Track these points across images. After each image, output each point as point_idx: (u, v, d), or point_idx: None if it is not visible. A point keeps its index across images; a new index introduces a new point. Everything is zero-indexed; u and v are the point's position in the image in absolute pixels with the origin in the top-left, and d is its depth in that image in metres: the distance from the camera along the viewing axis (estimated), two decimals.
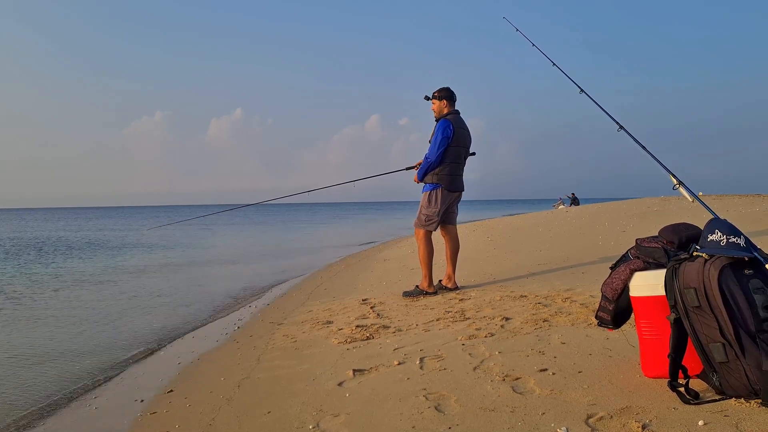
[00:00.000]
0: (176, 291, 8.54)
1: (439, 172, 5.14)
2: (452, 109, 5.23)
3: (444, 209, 5.20)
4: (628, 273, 2.38)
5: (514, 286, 5.18)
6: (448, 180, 5.13)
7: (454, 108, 5.24)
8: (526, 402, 2.27)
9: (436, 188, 5.15)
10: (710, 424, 1.86)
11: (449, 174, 5.13)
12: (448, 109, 5.22)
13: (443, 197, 5.14)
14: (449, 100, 5.22)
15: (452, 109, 5.23)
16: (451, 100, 5.23)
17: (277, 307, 6.11)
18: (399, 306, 4.83)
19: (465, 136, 5.20)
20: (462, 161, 5.24)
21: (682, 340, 2.11)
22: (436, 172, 5.15)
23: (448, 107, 5.22)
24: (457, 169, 5.19)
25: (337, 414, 2.45)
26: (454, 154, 5.11)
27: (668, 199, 14.40)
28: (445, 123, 5.08)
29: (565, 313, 3.79)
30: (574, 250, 7.19)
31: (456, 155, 5.13)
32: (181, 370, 4.03)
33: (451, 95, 5.23)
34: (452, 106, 5.23)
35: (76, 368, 4.33)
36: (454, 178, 5.16)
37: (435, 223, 5.20)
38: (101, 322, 6.19)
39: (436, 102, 5.25)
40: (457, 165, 5.18)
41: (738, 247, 2.06)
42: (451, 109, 5.22)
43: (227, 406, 2.85)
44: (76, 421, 3.23)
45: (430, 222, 5.20)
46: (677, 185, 2.87)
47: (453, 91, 5.25)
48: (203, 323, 5.89)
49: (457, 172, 5.19)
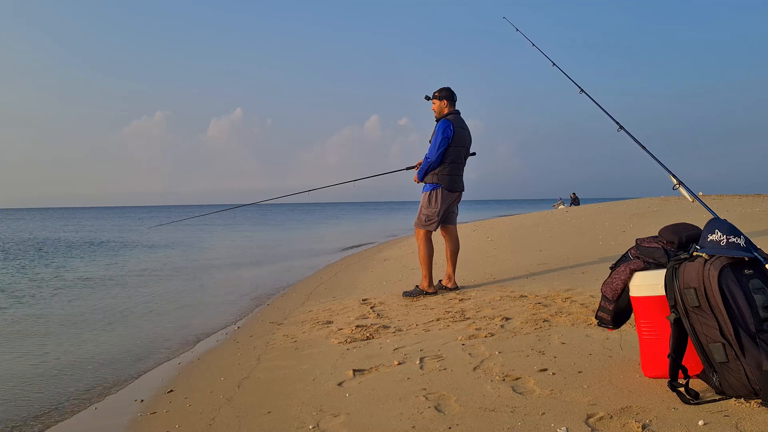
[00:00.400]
0: (176, 291, 8.53)
1: (439, 172, 5.14)
2: (452, 109, 5.23)
3: (444, 209, 5.20)
4: (628, 273, 2.38)
5: (514, 286, 5.18)
6: (447, 180, 5.13)
7: (455, 108, 5.24)
8: (526, 402, 2.27)
9: (436, 188, 5.15)
10: (710, 424, 1.86)
11: (449, 174, 5.13)
12: (449, 109, 5.22)
13: (443, 197, 5.14)
14: (449, 100, 5.22)
15: (452, 109, 5.23)
16: (452, 100, 5.23)
17: (277, 307, 6.11)
18: (399, 306, 4.83)
19: (465, 137, 5.20)
20: (462, 161, 5.24)
21: (682, 340, 2.11)
22: (436, 172, 5.15)
23: (449, 107, 5.22)
24: (457, 169, 5.20)
25: (337, 414, 2.45)
26: (454, 154, 5.11)
27: (668, 199, 14.41)
28: (445, 123, 5.08)
29: (565, 313, 3.79)
30: (574, 250, 7.20)
31: (456, 155, 5.13)
32: (181, 370, 4.03)
33: (452, 95, 5.23)
34: (452, 106, 5.23)
35: (76, 368, 4.32)
36: (454, 178, 5.16)
37: (435, 223, 5.20)
38: (101, 323, 6.18)
39: (436, 102, 5.25)
40: (457, 165, 5.18)
41: (738, 247, 2.06)
42: (452, 109, 5.22)
43: (227, 406, 2.85)
44: (76, 421, 3.23)
45: (430, 222, 5.20)
46: (677, 185, 2.87)
47: (453, 91, 5.25)
48: (203, 323, 5.89)
49: (457, 172, 5.19)
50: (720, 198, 13.55)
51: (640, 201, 15.66)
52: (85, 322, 6.24)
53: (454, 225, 5.41)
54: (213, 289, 8.83)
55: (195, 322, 6.01)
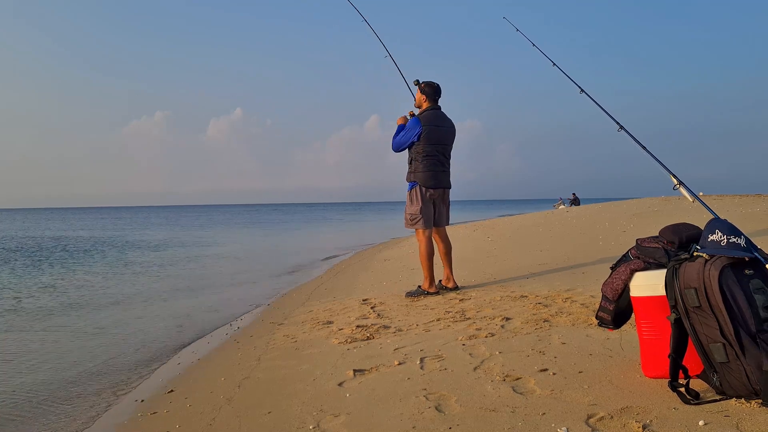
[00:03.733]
0: (176, 291, 8.54)
1: (414, 170, 5.17)
2: (432, 105, 5.24)
3: (430, 206, 5.20)
4: (629, 273, 2.38)
5: (514, 286, 5.18)
6: (423, 177, 5.14)
7: (436, 104, 5.26)
8: (527, 402, 2.27)
9: (414, 186, 5.19)
10: (710, 425, 1.86)
11: (424, 171, 5.14)
12: (428, 104, 5.25)
13: (422, 194, 5.16)
14: (429, 98, 5.25)
15: (432, 105, 5.24)
16: (432, 98, 5.25)
17: (278, 307, 6.11)
18: (399, 306, 4.83)
19: (442, 134, 5.19)
20: (442, 158, 5.22)
21: (682, 340, 2.11)
22: (411, 171, 5.20)
23: (428, 102, 5.25)
24: (435, 166, 5.18)
25: (337, 414, 2.45)
26: (427, 152, 5.11)
27: (668, 199, 14.41)
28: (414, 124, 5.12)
29: (565, 313, 3.79)
30: (574, 250, 7.20)
31: (430, 153, 5.12)
32: (181, 370, 4.04)
33: (434, 93, 5.25)
34: (432, 103, 5.25)
35: (76, 369, 4.33)
36: (432, 174, 5.16)
37: (422, 221, 5.18)
38: (101, 323, 6.19)
39: (419, 93, 5.30)
40: (435, 162, 5.16)
41: (738, 248, 2.06)
42: (431, 105, 5.24)
43: (227, 406, 2.85)
44: (76, 421, 3.23)
45: (415, 220, 5.20)
46: (678, 185, 2.87)
47: (438, 88, 5.27)
48: (203, 324, 5.89)
49: (434, 169, 5.17)
50: (720, 198, 13.54)
51: (640, 201, 15.66)
52: (84, 322, 6.24)
53: (443, 226, 5.41)
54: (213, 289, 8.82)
55: (195, 322, 6.01)
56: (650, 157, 3.06)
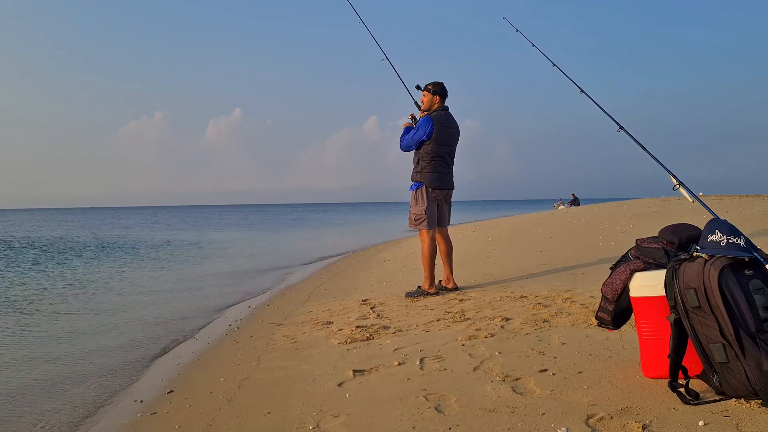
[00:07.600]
0: (176, 292, 8.53)
1: (421, 170, 5.16)
2: (443, 105, 5.24)
3: (434, 207, 5.20)
4: (628, 273, 2.38)
5: (514, 286, 5.18)
6: (430, 178, 5.14)
7: (444, 104, 5.25)
8: (526, 402, 2.27)
9: (420, 186, 5.18)
10: (710, 425, 1.86)
11: (431, 172, 5.14)
12: (439, 104, 5.23)
13: (428, 195, 5.16)
14: (442, 96, 5.23)
15: (443, 105, 5.24)
16: (444, 97, 5.25)
17: (277, 307, 6.10)
18: (399, 306, 4.83)
19: (450, 135, 5.20)
20: (448, 159, 5.23)
21: (682, 340, 2.11)
22: (418, 171, 5.19)
23: (439, 103, 5.23)
24: (441, 167, 5.18)
25: (337, 414, 2.45)
26: (435, 152, 5.11)
27: (668, 199, 14.41)
28: (427, 121, 5.10)
29: (565, 313, 3.79)
30: (574, 250, 7.20)
31: (437, 153, 5.12)
32: (181, 370, 4.03)
33: (444, 91, 5.24)
34: (443, 102, 5.24)
35: (75, 369, 4.32)
36: (438, 175, 5.16)
37: (426, 221, 5.18)
38: (101, 323, 6.18)
39: (427, 95, 5.26)
40: (442, 163, 5.17)
41: (738, 248, 2.06)
42: (442, 105, 5.23)
43: (227, 407, 2.85)
44: (76, 421, 3.23)
45: (420, 220, 5.20)
46: (677, 186, 2.87)
47: (446, 87, 5.26)
48: (203, 324, 5.89)
49: (441, 170, 5.18)
50: (720, 198, 13.55)
51: (640, 201, 15.66)
52: (84, 323, 6.24)
53: (445, 227, 5.41)
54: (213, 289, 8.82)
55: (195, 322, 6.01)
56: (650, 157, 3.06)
